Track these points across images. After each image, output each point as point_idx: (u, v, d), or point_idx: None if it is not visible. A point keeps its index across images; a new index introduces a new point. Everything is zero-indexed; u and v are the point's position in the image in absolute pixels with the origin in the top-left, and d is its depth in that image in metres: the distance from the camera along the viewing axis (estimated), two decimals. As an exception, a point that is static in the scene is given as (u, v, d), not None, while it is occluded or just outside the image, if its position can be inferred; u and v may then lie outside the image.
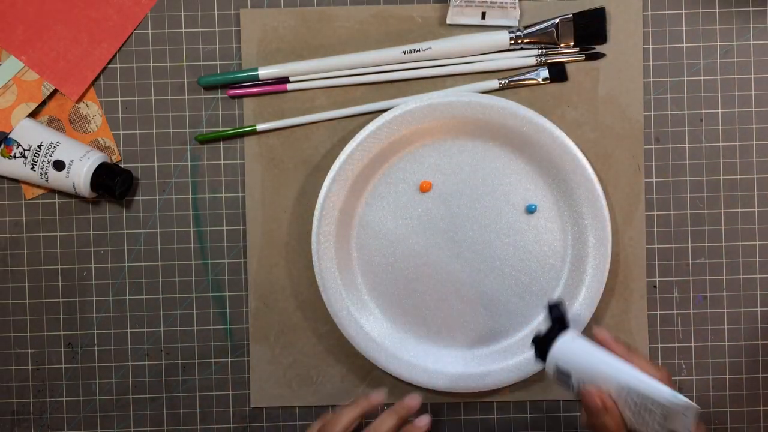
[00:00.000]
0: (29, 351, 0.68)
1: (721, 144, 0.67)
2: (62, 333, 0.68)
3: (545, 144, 0.64)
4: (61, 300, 0.67)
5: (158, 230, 0.67)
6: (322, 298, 0.65)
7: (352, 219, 0.66)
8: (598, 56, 0.66)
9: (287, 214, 0.67)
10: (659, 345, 0.67)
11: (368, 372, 0.67)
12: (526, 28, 0.66)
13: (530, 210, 0.66)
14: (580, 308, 0.65)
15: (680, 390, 0.67)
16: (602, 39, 0.66)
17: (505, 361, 0.65)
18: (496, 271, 0.66)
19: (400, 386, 0.67)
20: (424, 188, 0.66)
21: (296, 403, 0.67)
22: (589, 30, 0.66)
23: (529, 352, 0.64)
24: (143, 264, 0.67)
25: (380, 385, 0.67)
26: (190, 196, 0.67)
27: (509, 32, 0.65)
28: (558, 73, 0.66)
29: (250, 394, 0.67)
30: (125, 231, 0.67)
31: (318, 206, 0.64)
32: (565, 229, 0.66)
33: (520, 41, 0.65)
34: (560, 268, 0.66)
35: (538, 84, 0.66)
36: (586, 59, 0.66)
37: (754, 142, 0.67)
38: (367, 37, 0.66)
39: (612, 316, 0.67)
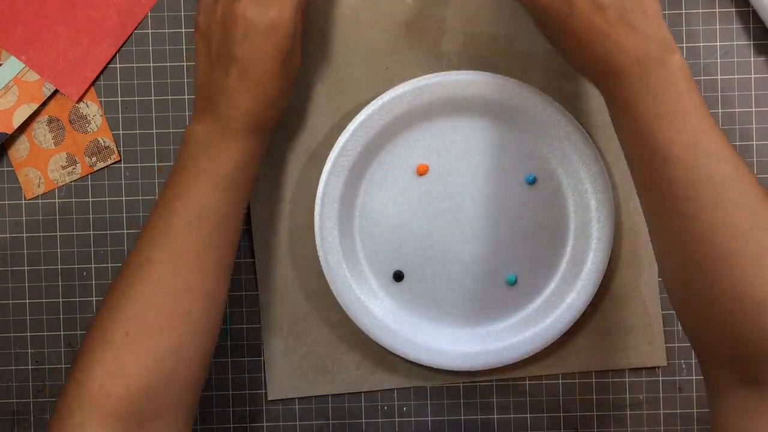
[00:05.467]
0: (29, 351, 0.68)
1: (721, 144, 0.67)
2: (62, 333, 0.68)
3: (536, 113, 0.64)
4: (61, 300, 0.68)
5: (158, 230, 0.67)
6: (331, 291, 0.65)
7: (353, 209, 0.66)
8: None
9: (290, 205, 0.66)
10: (659, 345, 0.67)
11: (383, 357, 0.67)
12: None
13: (529, 181, 0.66)
14: (589, 274, 0.65)
15: (680, 390, 0.68)
16: None
17: (521, 334, 0.66)
18: (503, 245, 0.66)
19: (415, 369, 0.67)
20: (421, 171, 0.66)
21: (313, 393, 0.67)
22: None
23: (545, 322, 0.65)
24: (143, 264, 0.67)
25: (396, 370, 0.67)
26: (190, 196, 0.67)
27: None
28: None
29: (267, 387, 0.67)
30: (125, 231, 0.67)
31: (318, 200, 0.64)
32: (566, 195, 0.66)
33: None
34: (566, 236, 0.66)
35: None
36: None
37: (754, 142, 0.67)
38: (359, 23, 0.65)
39: (621, 285, 0.67)
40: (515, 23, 0.66)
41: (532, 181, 0.66)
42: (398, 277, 0.66)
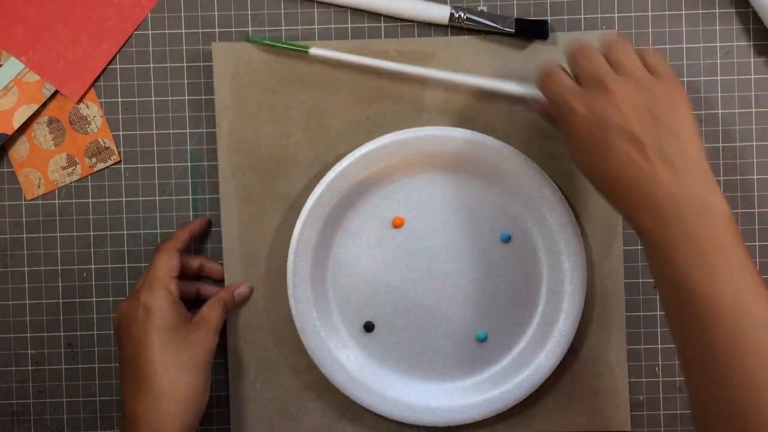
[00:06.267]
0: (29, 352, 0.68)
1: (721, 145, 0.67)
2: (62, 334, 0.68)
3: (514, 172, 0.64)
4: (61, 301, 0.68)
5: (158, 231, 0.67)
6: (300, 339, 0.64)
7: (326, 259, 0.65)
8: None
9: (265, 252, 0.66)
10: (659, 346, 0.67)
11: (349, 406, 0.66)
12: (472, 13, 0.65)
13: (503, 239, 0.66)
14: (559, 335, 0.65)
15: (680, 390, 0.68)
16: (544, 36, 0.65)
17: (488, 392, 0.65)
18: (474, 302, 0.66)
19: (381, 420, 0.66)
20: (397, 224, 0.66)
21: None
22: (531, 32, 0.65)
23: (513, 381, 0.64)
24: (143, 265, 0.67)
25: (362, 420, 0.67)
26: (191, 197, 0.67)
27: (452, 9, 0.65)
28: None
29: (230, 430, 0.67)
30: (125, 232, 0.67)
31: (291, 249, 0.64)
32: (540, 255, 0.66)
33: (459, 22, 0.65)
34: (537, 296, 0.66)
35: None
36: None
37: (754, 143, 0.67)
38: (342, 72, 0.65)
39: (590, 348, 0.66)
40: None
41: (507, 240, 0.66)
42: (368, 328, 0.66)
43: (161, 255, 0.62)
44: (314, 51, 0.64)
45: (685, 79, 0.67)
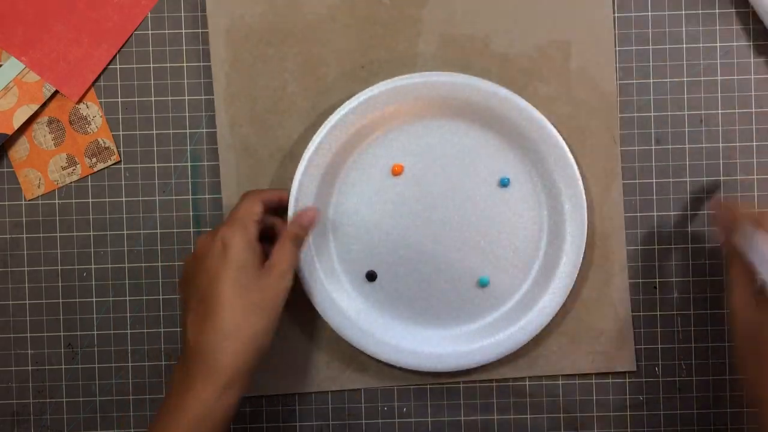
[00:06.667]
0: (29, 352, 0.68)
1: (721, 145, 0.67)
2: (62, 334, 0.68)
3: (511, 116, 0.64)
4: (61, 301, 0.68)
5: (158, 231, 0.67)
6: (303, 289, 0.65)
7: (327, 209, 0.66)
8: None
9: None
10: (659, 345, 0.67)
11: (354, 357, 0.67)
12: None
13: (503, 183, 0.66)
14: (561, 277, 0.65)
15: (680, 391, 0.68)
16: None
17: (492, 336, 0.66)
18: (476, 247, 0.66)
19: (385, 369, 0.67)
20: (396, 171, 0.66)
21: (282, 391, 0.67)
22: None
23: (517, 325, 0.65)
24: (143, 265, 0.67)
25: (367, 369, 0.67)
26: (190, 197, 0.67)
27: None
28: None
29: None
30: (125, 232, 0.67)
31: (292, 200, 0.64)
32: (540, 199, 0.66)
33: None
34: (539, 239, 0.66)
35: None
36: None
37: (754, 143, 0.67)
38: (335, 22, 0.66)
39: (593, 288, 0.67)
40: (492, 24, 0.66)
41: (506, 184, 0.66)
42: (371, 276, 0.66)
43: (246, 199, 0.61)
44: None
45: (685, 79, 0.67)
